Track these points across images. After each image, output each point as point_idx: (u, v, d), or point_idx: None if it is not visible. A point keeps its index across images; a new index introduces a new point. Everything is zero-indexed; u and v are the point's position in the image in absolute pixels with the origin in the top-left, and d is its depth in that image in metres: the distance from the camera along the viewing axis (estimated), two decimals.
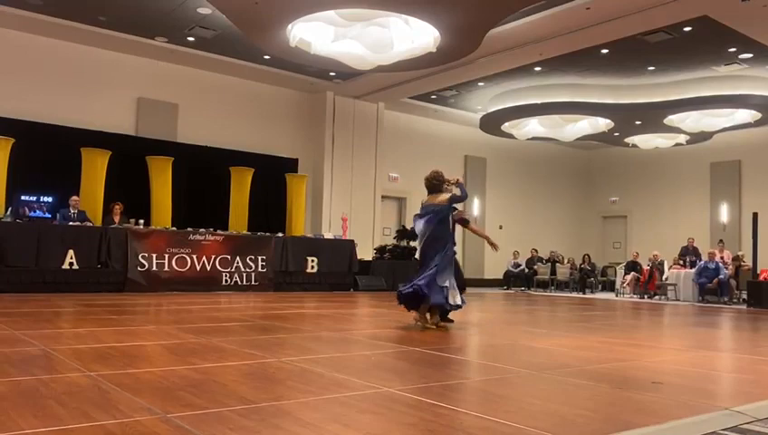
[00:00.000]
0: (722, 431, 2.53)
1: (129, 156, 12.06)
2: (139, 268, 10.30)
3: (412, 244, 14.88)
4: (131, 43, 12.12)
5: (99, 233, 10.16)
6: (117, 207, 11.00)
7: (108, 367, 3.57)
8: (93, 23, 11.28)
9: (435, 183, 6.54)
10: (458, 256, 18.78)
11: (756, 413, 2.83)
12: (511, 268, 17.45)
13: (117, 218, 10.87)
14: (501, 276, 17.51)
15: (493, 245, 6.81)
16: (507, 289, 16.92)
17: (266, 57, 12.56)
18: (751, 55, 11.85)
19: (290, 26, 10.06)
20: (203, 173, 13.10)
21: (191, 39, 11.94)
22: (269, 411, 2.67)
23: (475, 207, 18.12)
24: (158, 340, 4.93)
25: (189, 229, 11.13)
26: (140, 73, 13.03)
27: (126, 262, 10.19)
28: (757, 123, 14.98)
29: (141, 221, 10.89)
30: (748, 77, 13.12)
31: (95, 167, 11.43)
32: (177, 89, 13.44)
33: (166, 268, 10.57)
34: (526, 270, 17.44)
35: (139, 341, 4.84)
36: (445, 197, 6.39)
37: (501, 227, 18.56)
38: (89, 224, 10.46)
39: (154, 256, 10.48)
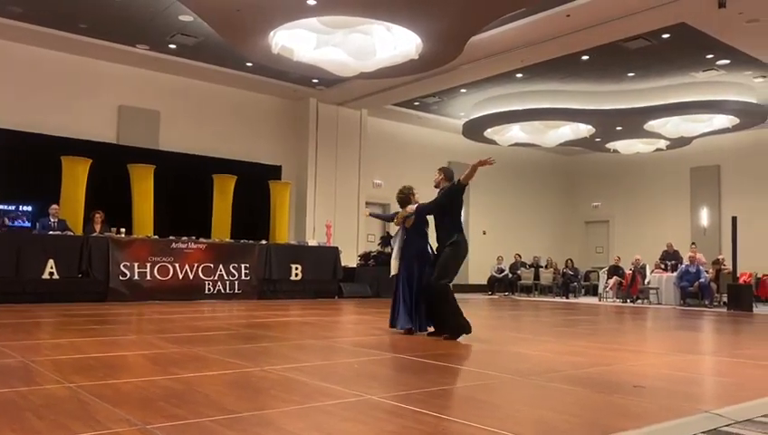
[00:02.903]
0: (701, 434, 2.55)
1: (110, 164, 11.96)
2: (120, 277, 10.20)
3: None
4: (112, 50, 12.03)
5: (80, 242, 10.05)
6: (98, 215, 10.88)
7: (87, 378, 3.53)
8: (73, 30, 11.20)
9: (401, 196, 6.66)
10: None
11: (735, 416, 2.86)
12: (495, 273, 17.51)
13: (98, 227, 10.76)
14: (485, 281, 17.56)
15: (484, 162, 6.21)
16: (491, 294, 16.97)
17: (249, 64, 12.54)
18: (728, 61, 12.02)
19: (272, 33, 10.05)
20: (185, 181, 13.02)
21: (173, 46, 11.89)
22: (251, 421, 2.65)
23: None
24: (139, 350, 4.88)
25: (172, 238, 11.04)
26: (121, 81, 12.95)
27: (107, 271, 10.08)
28: (735, 128, 15.19)
29: (123, 230, 10.78)
30: (726, 83, 13.32)
31: (76, 175, 11.32)
32: (158, 96, 13.36)
33: (148, 277, 10.48)
34: (510, 275, 17.52)
35: (119, 351, 4.79)
36: (411, 208, 6.43)
37: (484, 233, 18.62)
38: (69, 233, 10.35)
39: (136, 264, 10.38)
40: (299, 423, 2.64)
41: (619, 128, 15.58)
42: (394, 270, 6.37)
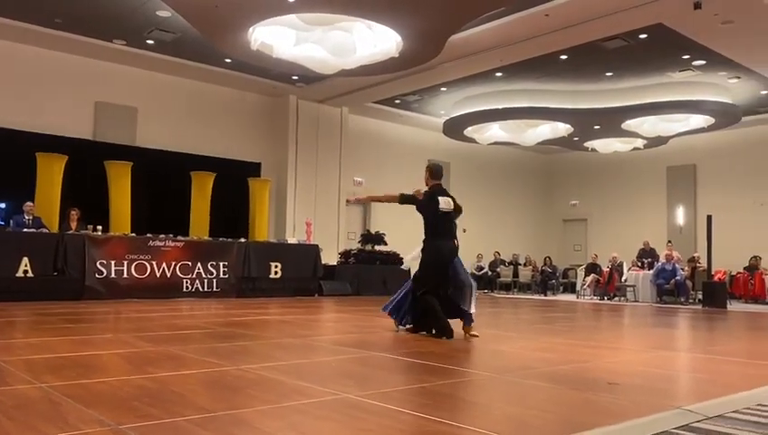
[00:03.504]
0: (673, 430, 2.58)
1: (86, 161, 11.81)
2: (97, 275, 10.08)
3: (377, 248, 14.91)
4: (88, 45, 11.87)
5: (55, 240, 9.91)
6: (74, 212, 10.74)
7: (60, 378, 3.48)
8: (49, 24, 11.03)
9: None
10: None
11: (707, 411, 2.89)
12: (474, 271, 17.57)
13: (74, 225, 10.63)
14: None
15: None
16: None
17: (227, 60, 12.45)
18: (704, 62, 12.19)
19: (251, 29, 9.99)
20: (163, 178, 12.90)
21: (150, 42, 11.76)
22: (225, 421, 2.63)
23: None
24: (114, 349, 4.82)
25: (149, 235, 10.93)
26: (98, 76, 12.78)
27: (83, 269, 9.96)
28: (711, 128, 15.41)
29: (99, 227, 10.66)
30: (701, 83, 13.51)
31: (51, 172, 11.16)
32: (136, 92, 13.22)
33: (125, 275, 10.36)
34: (489, 272, 17.61)
35: (94, 350, 4.73)
36: None
37: (465, 231, 18.63)
38: (44, 230, 10.20)
39: (113, 262, 10.26)
40: (274, 422, 2.62)
41: (596, 127, 15.73)
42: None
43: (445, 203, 6.16)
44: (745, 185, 16.80)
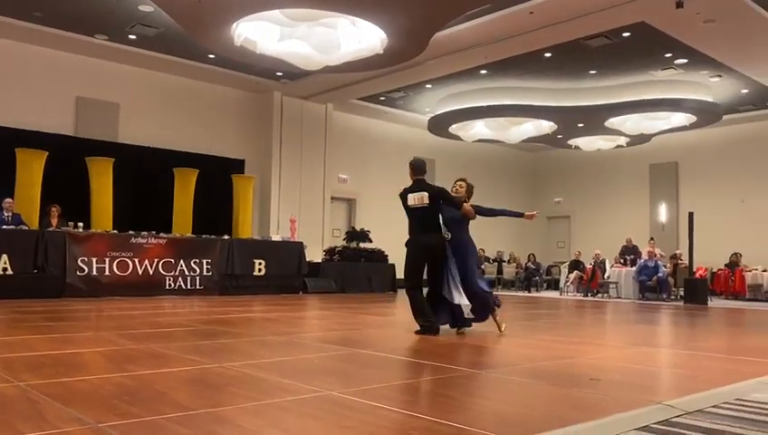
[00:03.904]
0: (654, 425, 2.60)
1: (67, 157, 11.67)
2: (78, 273, 9.97)
3: (362, 245, 14.90)
4: (69, 40, 11.73)
5: (35, 237, 9.78)
6: (54, 209, 10.62)
7: (39, 376, 3.43)
8: (28, 19, 10.87)
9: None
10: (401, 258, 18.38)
11: (687, 406, 2.92)
12: None
13: (54, 221, 10.50)
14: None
15: None
16: None
17: (211, 56, 12.36)
18: (686, 60, 12.29)
19: (234, 25, 9.91)
20: (145, 174, 12.79)
21: (132, 37, 11.64)
22: (206, 419, 2.60)
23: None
24: (95, 347, 4.77)
25: (131, 232, 10.83)
26: (79, 72, 12.63)
27: (64, 267, 9.84)
28: (692, 126, 15.56)
29: (81, 224, 10.54)
30: (683, 81, 13.63)
31: (31, 168, 11.01)
32: (118, 88, 13.08)
33: (107, 273, 10.26)
34: None
35: (74, 348, 4.68)
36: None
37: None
38: (24, 227, 10.06)
39: (94, 260, 10.15)
40: (255, 420, 2.61)
41: (580, 125, 15.81)
42: None
43: (413, 199, 6.18)
44: (726, 183, 16.98)
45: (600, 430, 2.48)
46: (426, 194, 6.10)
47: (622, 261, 15.28)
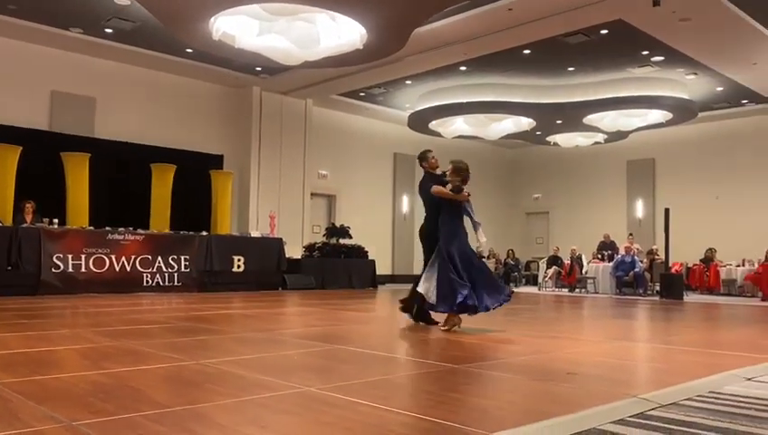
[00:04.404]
0: (629, 418, 2.63)
1: (42, 152, 11.49)
2: (53, 270, 9.83)
3: (342, 241, 14.88)
4: (44, 33, 11.53)
5: (8, 233, 9.62)
6: (28, 205, 10.45)
7: (13, 375, 3.37)
8: (2, 11, 10.68)
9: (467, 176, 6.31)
10: (389, 253, 18.52)
11: (661, 399, 2.96)
12: None
13: (29, 218, 10.33)
14: None
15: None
16: None
17: (189, 50, 12.24)
18: (662, 58, 12.44)
19: (212, 19, 9.82)
20: (122, 170, 12.65)
21: (109, 30, 11.48)
22: (183, 415, 2.58)
23: (404, 204, 18.27)
24: (70, 344, 4.70)
25: (108, 229, 10.71)
26: (54, 66, 12.43)
27: (39, 263, 9.71)
28: (669, 123, 15.76)
29: (56, 220, 10.39)
30: (660, 79, 13.79)
31: (4, 163, 10.82)
32: (94, 82, 12.90)
33: (83, 269, 10.13)
34: None
35: (49, 346, 4.61)
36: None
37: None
38: None
39: (70, 256, 10.02)
40: (233, 417, 2.59)
41: (558, 121, 15.93)
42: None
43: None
44: (701, 179, 17.23)
45: (576, 424, 2.50)
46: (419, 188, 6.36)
47: (600, 256, 15.44)
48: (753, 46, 11.39)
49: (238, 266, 12.07)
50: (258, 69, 13.36)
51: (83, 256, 10.17)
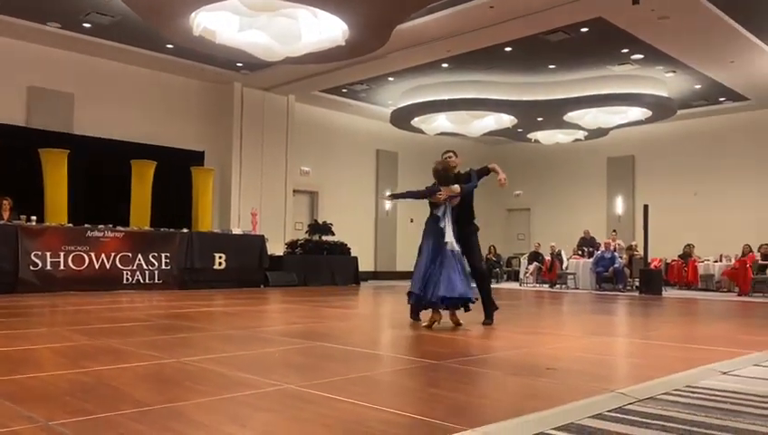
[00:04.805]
0: (606, 413, 2.66)
1: (19, 148, 11.36)
2: (31, 268, 9.70)
3: (324, 238, 14.86)
4: (21, 27, 11.36)
5: None
6: (5, 202, 10.30)
7: None
8: None
9: (450, 174, 6.31)
10: (372, 250, 18.60)
11: (639, 394, 2.99)
12: None
13: (6, 214, 10.19)
14: (412, 268, 17.71)
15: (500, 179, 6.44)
16: None
17: (169, 46, 12.13)
18: (642, 56, 12.55)
19: (193, 14, 9.73)
20: (102, 166, 12.49)
21: (87, 25, 11.34)
22: (162, 414, 2.57)
23: (386, 201, 18.27)
24: (48, 343, 4.65)
25: (87, 226, 10.58)
26: (31, 61, 12.25)
27: (17, 261, 9.57)
28: (648, 120, 15.92)
29: (34, 218, 10.24)
30: (640, 77, 13.92)
31: None
32: (72, 78, 12.73)
33: (61, 267, 10.01)
34: None
35: (26, 345, 4.55)
36: (457, 188, 6.19)
37: (411, 221, 18.75)
38: None
39: (48, 254, 9.89)
40: (212, 415, 2.58)
41: (540, 119, 16.02)
42: (455, 246, 5.92)
43: None
44: (680, 176, 17.43)
45: (554, 419, 2.53)
46: None
47: (580, 252, 15.57)
48: (730, 45, 11.54)
49: (219, 264, 12.00)
50: (239, 65, 13.27)
51: (62, 254, 10.04)
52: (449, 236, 5.93)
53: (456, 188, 6.16)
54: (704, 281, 14.83)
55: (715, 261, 14.98)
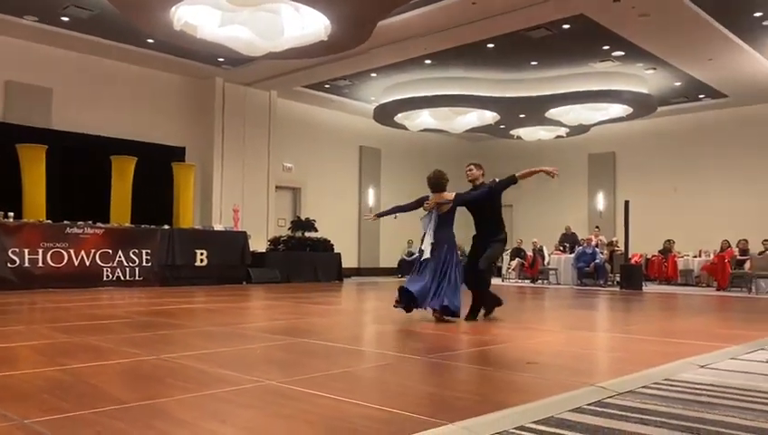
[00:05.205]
0: (586, 406, 2.68)
1: None
2: (9, 265, 9.57)
3: (307, 235, 14.81)
4: None
5: None
6: None
7: None
8: None
9: (439, 182, 6.51)
10: (355, 246, 18.68)
11: (618, 388, 3.02)
12: (405, 257, 17.75)
13: None
14: (395, 265, 17.78)
15: (549, 172, 6.64)
16: (401, 277, 17.19)
17: (150, 41, 11.99)
18: (623, 53, 12.64)
19: (173, 9, 9.63)
20: (81, 162, 12.35)
21: (65, 19, 11.17)
22: (141, 411, 2.54)
23: (369, 197, 18.26)
24: (25, 341, 4.59)
25: (66, 222, 10.46)
26: (8, 55, 12.05)
27: None
28: (629, 117, 16.05)
29: (11, 214, 10.10)
30: (621, 74, 14.02)
31: None
32: (51, 72, 12.55)
33: (40, 264, 9.89)
34: None
35: (3, 342, 4.48)
36: (449, 195, 6.37)
37: (395, 217, 18.77)
38: None
39: (26, 251, 9.77)
40: (192, 411, 2.56)
41: (522, 115, 16.09)
42: (428, 253, 6.10)
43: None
44: (660, 172, 17.61)
45: (534, 413, 2.54)
46: None
47: (561, 248, 15.68)
48: (709, 43, 11.66)
49: (201, 261, 11.92)
50: (221, 60, 13.17)
51: (41, 251, 9.92)
52: (425, 245, 6.14)
53: (448, 195, 6.31)
54: (683, 276, 15.01)
55: (695, 256, 15.16)
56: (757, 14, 10.45)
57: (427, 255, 6.07)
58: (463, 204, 6.43)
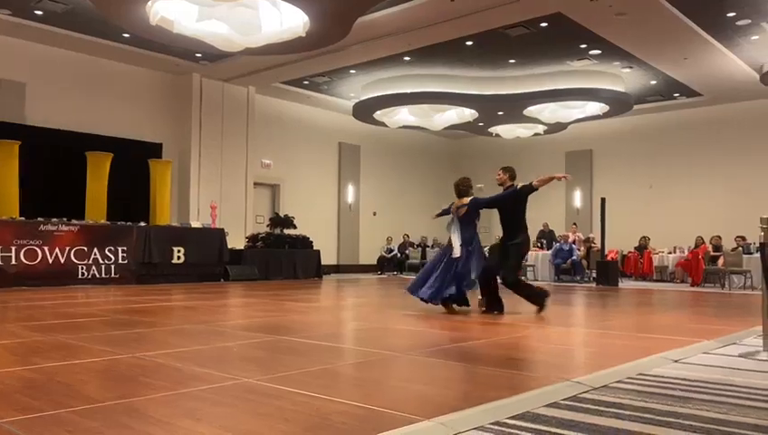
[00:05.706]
0: (561, 401, 2.71)
1: None
2: None
3: (286, 232, 14.74)
4: None
5: None
6: None
7: None
8: None
9: (463, 188, 7.17)
10: (334, 243, 18.64)
11: (593, 382, 3.06)
12: (384, 253, 17.77)
13: None
14: (375, 262, 17.78)
15: (561, 177, 7.40)
16: (380, 274, 17.21)
17: (126, 35, 11.83)
18: (599, 52, 12.76)
19: (150, 3, 9.51)
20: (56, 159, 12.17)
21: (39, 13, 10.98)
22: (115, 410, 2.51)
23: (349, 194, 18.23)
24: None
25: (40, 219, 10.30)
26: None
27: None
28: (606, 115, 16.19)
29: None
30: (597, 72, 14.15)
31: None
32: (24, 67, 12.32)
33: (13, 262, 9.73)
34: (399, 255, 17.84)
35: None
36: (466, 200, 6.99)
37: (375, 214, 18.81)
38: None
39: None
40: (167, 410, 2.53)
41: (500, 113, 16.17)
42: (458, 252, 6.66)
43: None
44: (636, 169, 17.82)
45: (511, 408, 2.56)
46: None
47: (539, 245, 15.80)
48: (684, 42, 11.82)
49: (178, 258, 11.82)
50: (198, 55, 13.05)
51: (14, 248, 9.76)
52: (455, 243, 6.76)
53: (463, 200, 7.07)
54: (658, 272, 15.21)
55: (670, 253, 15.37)
56: (730, 15, 10.60)
57: (457, 254, 6.65)
58: (478, 207, 7.07)
